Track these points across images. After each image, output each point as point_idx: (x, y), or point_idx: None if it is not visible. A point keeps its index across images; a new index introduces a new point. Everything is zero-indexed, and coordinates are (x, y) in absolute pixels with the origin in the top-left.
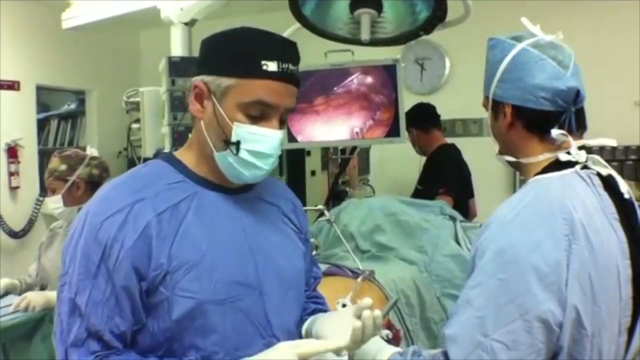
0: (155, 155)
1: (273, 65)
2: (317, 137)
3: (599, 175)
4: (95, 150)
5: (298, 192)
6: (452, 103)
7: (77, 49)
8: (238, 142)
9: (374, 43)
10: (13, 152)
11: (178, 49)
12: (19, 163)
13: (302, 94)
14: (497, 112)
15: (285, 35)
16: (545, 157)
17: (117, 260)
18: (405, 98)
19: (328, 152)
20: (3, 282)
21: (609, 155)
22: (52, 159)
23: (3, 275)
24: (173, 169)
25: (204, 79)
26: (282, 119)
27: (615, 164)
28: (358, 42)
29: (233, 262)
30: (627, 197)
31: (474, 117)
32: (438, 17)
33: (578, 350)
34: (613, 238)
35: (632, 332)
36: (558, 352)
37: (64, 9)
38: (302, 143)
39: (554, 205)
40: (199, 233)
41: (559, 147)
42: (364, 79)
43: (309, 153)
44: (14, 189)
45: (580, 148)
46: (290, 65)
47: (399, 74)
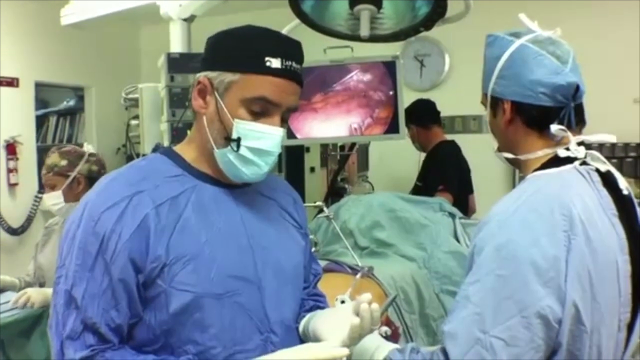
0: (154, 150)
1: (277, 62)
2: (316, 133)
3: (598, 172)
4: (92, 147)
5: (297, 188)
6: (451, 99)
7: (76, 46)
8: (239, 138)
9: (374, 39)
10: (12, 148)
11: (177, 46)
12: (18, 160)
13: (301, 91)
14: (496, 109)
15: (284, 32)
16: (545, 153)
17: (114, 253)
18: (405, 94)
19: (327, 148)
20: (2, 278)
21: (608, 152)
22: (50, 155)
23: (2, 272)
24: (172, 163)
25: (208, 75)
26: (283, 118)
27: (615, 161)
28: (357, 38)
29: (232, 255)
30: (625, 193)
31: (474, 113)
32: (438, 13)
33: (577, 347)
34: (612, 234)
35: (631, 328)
36: (557, 348)
37: (63, 6)
38: (301, 139)
39: (553, 201)
40: (198, 226)
41: (559, 142)
42: (364, 76)
43: (308, 149)
44: (13, 186)
45: (580, 144)
46: (294, 64)
47: (399, 71)
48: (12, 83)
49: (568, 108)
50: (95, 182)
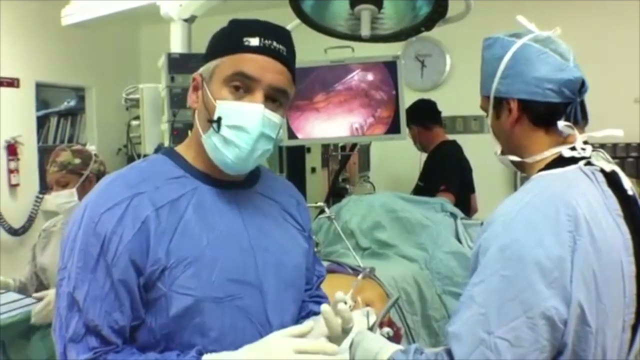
0: (157, 151)
1: (255, 41)
2: (317, 134)
3: (603, 172)
4: (94, 148)
5: (298, 189)
6: (452, 100)
7: (76, 46)
8: (219, 118)
9: (374, 39)
10: (13, 149)
11: (177, 46)
12: (19, 160)
13: (302, 91)
14: (500, 109)
15: None
16: (551, 152)
17: (115, 254)
18: (406, 95)
19: (328, 149)
20: None
21: (610, 152)
22: (60, 153)
23: (3, 273)
24: (173, 164)
25: (200, 71)
26: (272, 98)
27: (616, 161)
28: (358, 38)
29: (233, 258)
30: (630, 193)
31: (475, 114)
32: (439, 13)
33: (582, 347)
34: (617, 235)
35: (635, 329)
36: (562, 349)
37: (64, 6)
38: (302, 140)
39: (558, 202)
40: (199, 229)
41: (564, 140)
42: (365, 76)
43: (309, 150)
44: (14, 186)
45: (585, 142)
46: (275, 43)
47: (400, 71)
48: (12, 83)
49: (575, 103)
50: None
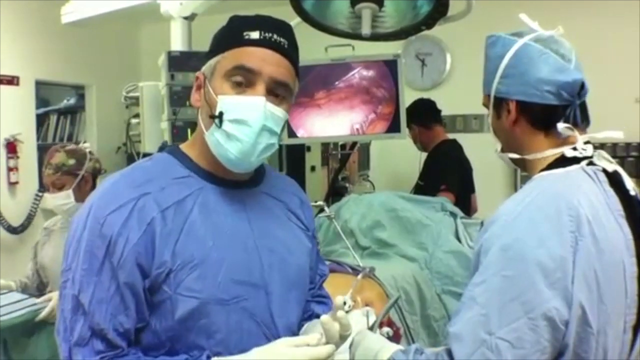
0: (161, 149)
1: (255, 34)
2: (318, 131)
3: (605, 172)
4: (88, 145)
5: None
6: (453, 99)
7: (76, 44)
8: (221, 113)
9: (375, 38)
10: (12, 147)
11: (178, 44)
12: (18, 158)
13: (303, 88)
14: (500, 109)
15: None
16: (552, 152)
17: (121, 257)
18: (406, 94)
19: (328, 147)
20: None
21: (610, 152)
22: (54, 154)
23: (2, 271)
24: (179, 163)
25: (203, 69)
26: (275, 92)
27: (617, 161)
28: (359, 36)
29: (238, 259)
30: (632, 193)
31: (475, 112)
32: (439, 11)
33: (583, 349)
34: (619, 235)
35: (637, 330)
36: (563, 350)
37: (64, 4)
38: (301, 139)
39: (560, 202)
40: (204, 230)
41: (565, 141)
42: (366, 73)
43: (309, 148)
44: (13, 184)
45: (586, 143)
46: (276, 35)
47: (400, 69)
48: (12, 81)
49: (574, 106)
50: (95, 180)
